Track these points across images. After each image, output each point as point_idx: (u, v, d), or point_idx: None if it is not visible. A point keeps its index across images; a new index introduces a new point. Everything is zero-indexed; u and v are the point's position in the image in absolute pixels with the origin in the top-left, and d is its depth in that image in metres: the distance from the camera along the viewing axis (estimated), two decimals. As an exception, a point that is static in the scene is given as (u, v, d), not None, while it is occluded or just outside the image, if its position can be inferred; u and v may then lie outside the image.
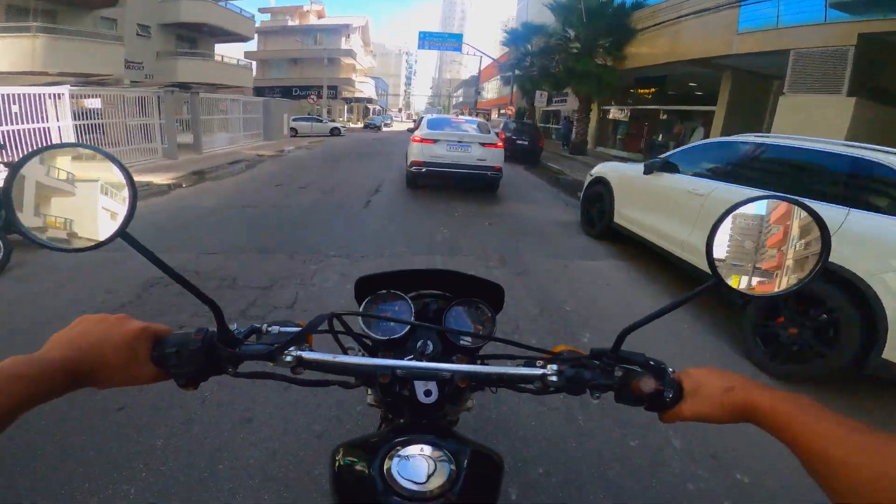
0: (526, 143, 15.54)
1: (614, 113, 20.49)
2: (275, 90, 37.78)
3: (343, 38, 39.94)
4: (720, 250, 0.60)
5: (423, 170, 8.29)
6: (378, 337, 0.83)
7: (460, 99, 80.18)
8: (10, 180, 0.53)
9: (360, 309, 0.90)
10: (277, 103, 21.05)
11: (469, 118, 10.88)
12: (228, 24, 23.93)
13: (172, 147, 11.90)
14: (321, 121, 28.96)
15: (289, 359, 0.64)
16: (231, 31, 24.43)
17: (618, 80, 15.67)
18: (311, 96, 26.62)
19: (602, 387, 0.64)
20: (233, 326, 0.65)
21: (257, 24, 41.33)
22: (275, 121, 20.67)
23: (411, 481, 0.56)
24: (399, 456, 0.58)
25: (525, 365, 0.70)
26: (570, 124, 21.17)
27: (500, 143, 8.69)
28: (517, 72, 22.87)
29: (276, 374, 0.69)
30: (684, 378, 0.61)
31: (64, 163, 0.57)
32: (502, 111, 24.55)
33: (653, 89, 17.33)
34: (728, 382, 0.56)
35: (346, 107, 42.80)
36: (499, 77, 29.57)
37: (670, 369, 0.63)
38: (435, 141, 8.25)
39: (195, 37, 23.60)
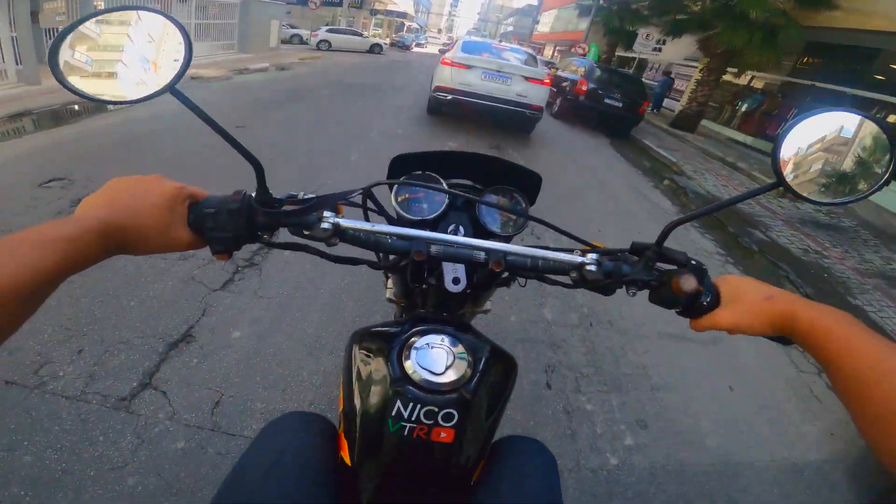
0: (619, 105, 9.69)
1: (752, 81, 13.95)
2: None
3: None
4: (787, 154, 0.56)
5: (449, 97, 6.85)
6: (410, 217, 0.80)
7: (510, 28, 70.34)
8: (61, 38, 0.52)
9: (394, 192, 0.84)
10: (261, 6, 14.97)
11: (515, 46, 8.38)
12: None
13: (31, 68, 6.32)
14: (360, 35, 24.29)
15: (326, 226, 0.60)
16: None
17: (799, 39, 9.34)
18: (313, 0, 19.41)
19: (639, 283, 0.62)
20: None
21: None
22: (257, 29, 14.75)
23: (428, 371, 0.57)
24: (417, 345, 0.60)
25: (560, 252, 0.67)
26: (669, 83, 14.79)
27: (548, 81, 7.23)
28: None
29: (310, 247, 0.65)
30: (722, 285, 0.59)
31: (117, 22, 0.57)
32: (572, 49, 18.02)
33: (839, 64, 10.87)
34: (768, 292, 0.55)
35: (372, 20, 35.35)
36: (573, 5, 22.37)
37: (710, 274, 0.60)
38: (468, 66, 6.75)
39: None
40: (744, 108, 13.69)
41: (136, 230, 0.49)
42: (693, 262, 0.60)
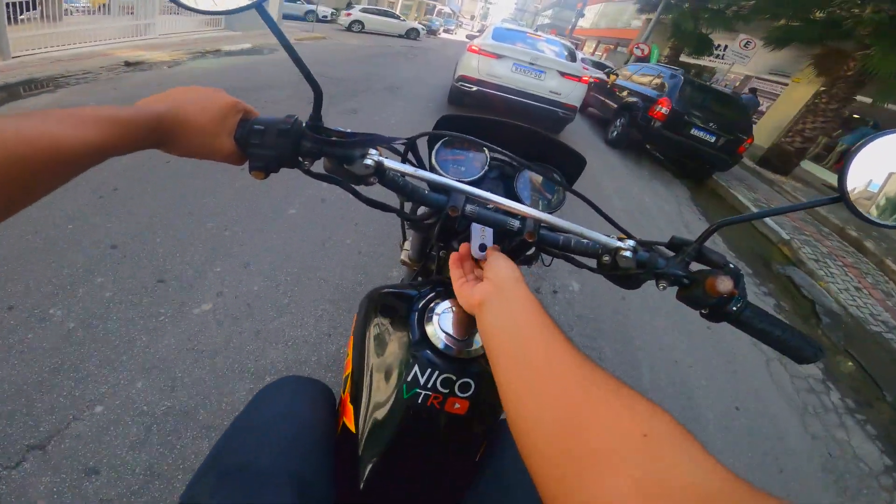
0: (713, 139, 6.69)
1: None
2: None
3: None
4: (857, 170, 0.55)
5: (474, 88, 6.05)
6: (447, 177, 0.76)
7: (547, 21, 66.13)
8: None
9: (438, 144, 0.82)
10: None
11: (551, 38, 7.01)
12: None
13: None
14: (397, 17, 22.83)
15: (369, 162, 0.59)
16: None
17: None
18: None
19: (672, 277, 0.59)
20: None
21: None
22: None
23: (451, 336, 0.56)
24: (440, 311, 0.58)
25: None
26: (755, 103, 11.74)
27: (586, 79, 6.35)
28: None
29: (344, 183, 0.63)
30: None
31: None
32: (628, 49, 14.94)
33: None
34: None
35: (400, 0, 32.30)
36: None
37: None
38: (498, 56, 6.01)
39: None
40: (843, 147, 10.61)
41: (183, 128, 0.50)
42: (731, 266, 0.58)
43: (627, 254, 0.60)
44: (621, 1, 26.44)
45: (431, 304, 0.59)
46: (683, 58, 15.23)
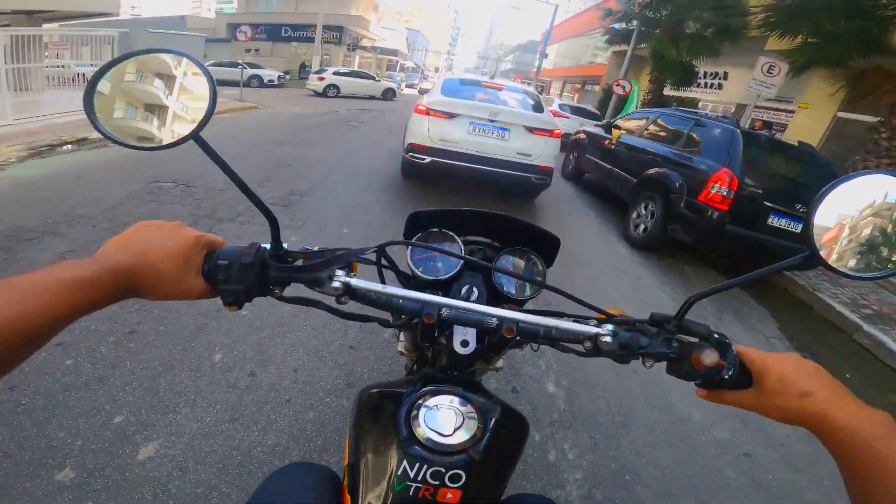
0: (798, 225, 4.12)
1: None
2: (258, 28, 27.13)
3: None
4: (823, 222, 0.54)
5: (426, 159, 4.86)
6: (423, 276, 0.79)
7: (509, 66, 66.93)
8: (93, 83, 0.55)
9: (410, 250, 0.84)
10: (154, 39, 10.38)
11: (511, 84, 5.84)
12: None
13: None
14: (372, 77, 22.00)
15: (336, 284, 0.60)
16: None
17: None
18: (243, 28, 13.46)
19: (657, 355, 0.61)
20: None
21: None
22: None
23: (436, 432, 0.56)
24: (426, 405, 0.59)
25: (575, 321, 0.65)
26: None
27: (558, 132, 5.04)
28: (656, 14, 11.79)
29: (321, 304, 0.65)
30: (755, 361, 0.56)
31: (143, 67, 0.59)
32: (618, 85, 13.11)
33: None
34: (807, 386, 0.51)
35: (356, 57, 31.17)
36: (598, 31, 17.83)
37: (735, 346, 0.58)
38: (451, 115, 4.86)
39: None
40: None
41: (151, 276, 0.50)
42: (716, 336, 0.58)
43: (608, 339, 0.61)
44: (583, 35, 25.57)
45: (418, 401, 0.59)
46: (668, 91, 13.57)
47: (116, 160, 5.19)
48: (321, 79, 19.62)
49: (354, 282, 0.61)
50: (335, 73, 20.32)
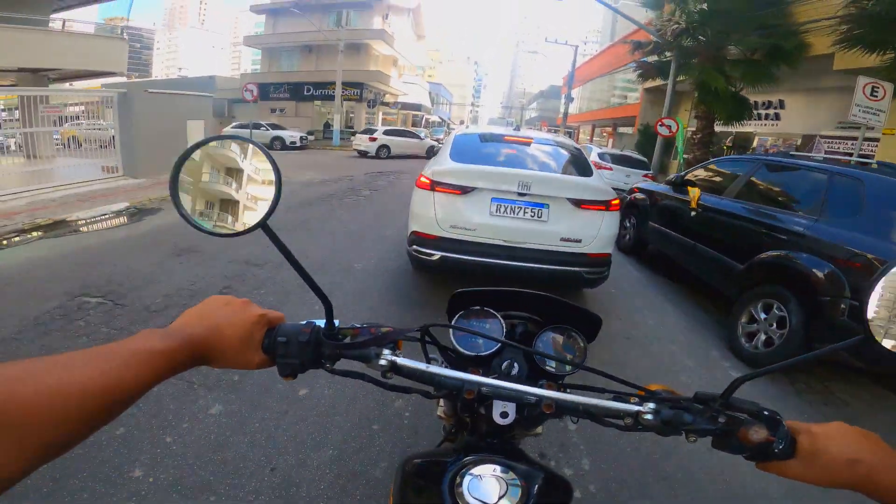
0: None
1: None
2: (281, 87, 27.57)
3: (378, 18, 27.12)
4: (875, 307, 0.52)
5: (436, 255, 3.46)
6: (465, 352, 0.80)
7: (534, 114, 66.74)
8: (176, 168, 0.60)
9: (454, 320, 0.88)
10: (157, 102, 9.69)
11: (541, 136, 4.53)
12: None
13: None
14: (419, 136, 21.74)
15: (383, 363, 0.65)
16: None
17: None
18: (249, 87, 13.11)
19: (702, 431, 0.60)
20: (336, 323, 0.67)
21: (265, 1, 30.33)
22: (157, 138, 9.42)
23: (481, 501, 0.56)
24: (470, 474, 0.59)
25: (615, 399, 0.66)
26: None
27: (616, 202, 3.56)
28: (694, 41, 10.59)
29: (367, 376, 0.69)
30: (803, 433, 0.56)
31: (218, 153, 0.64)
32: (661, 125, 11.52)
33: None
34: (855, 453, 0.52)
35: (379, 114, 31.06)
36: (626, 67, 16.63)
37: (785, 422, 0.57)
38: (465, 190, 3.47)
39: None
40: None
41: (219, 348, 0.56)
42: (766, 413, 0.58)
43: (649, 416, 0.61)
44: (608, 74, 24.47)
45: (461, 470, 0.60)
46: (719, 128, 12.00)
47: (60, 258, 4.42)
48: (373, 139, 19.02)
49: (400, 360, 0.66)
50: (385, 133, 19.74)
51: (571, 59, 25.52)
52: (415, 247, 3.54)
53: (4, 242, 4.91)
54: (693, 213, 4.41)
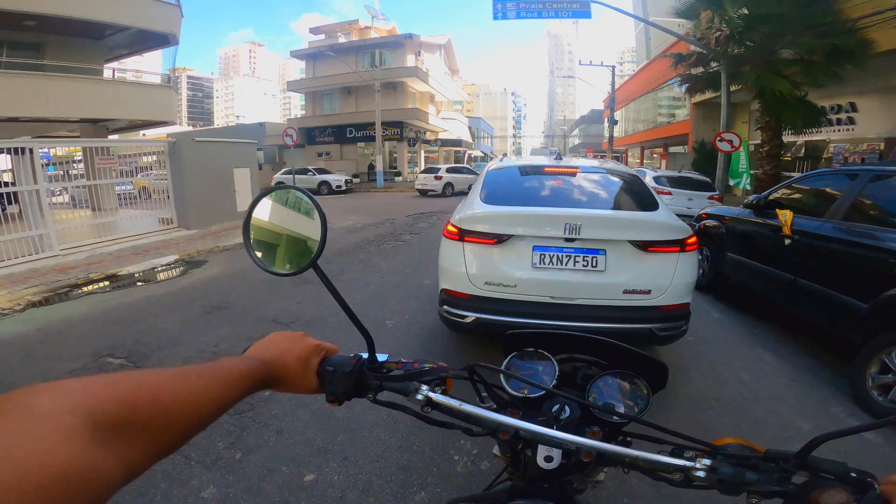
0: None
1: None
2: (326, 131, 28.41)
3: (411, 56, 27.43)
4: None
5: (470, 318, 2.89)
6: (513, 393, 0.78)
7: (578, 140, 65.57)
8: (248, 216, 0.74)
9: (505, 361, 0.87)
10: (205, 150, 10.01)
11: (588, 164, 3.78)
12: (115, 15, 11.81)
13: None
14: (475, 172, 20.74)
15: (419, 397, 0.68)
16: (118, 24, 12.21)
17: None
18: (289, 131, 12.83)
19: (766, 492, 0.54)
20: (382, 357, 0.74)
21: (304, 46, 31.99)
22: (206, 186, 9.75)
23: None
24: None
25: (670, 453, 0.62)
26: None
27: (692, 240, 2.84)
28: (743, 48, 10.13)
29: (408, 409, 0.71)
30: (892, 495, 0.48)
31: (278, 202, 0.77)
32: (721, 139, 10.42)
33: None
34: None
35: (421, 151, 31.41)
36: (674, 80, 15.71)
37: (880, 482, 0.49)
38: (500, 238, 2.87)
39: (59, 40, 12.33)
40: None
41: (283, 373, 0.64)
42: (854, 474, 0.50)
43: (700, 473, 0.58)
44: (651, 92, 23.46)
45: None
46: (787, 137, 10.95)
47: (99, 315, 4.50)
48: (438, 177, 19.29)
49: (434, 397, 0.68)
50: (448, 171, 19.90)
51: (609, 80, 24.86)
52: (446, 307, 3.01)
53: (54, 297, 5.21)
54: (788, 241, 3.69)
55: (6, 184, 7.37)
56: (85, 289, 5.52)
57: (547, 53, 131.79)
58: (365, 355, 0.72)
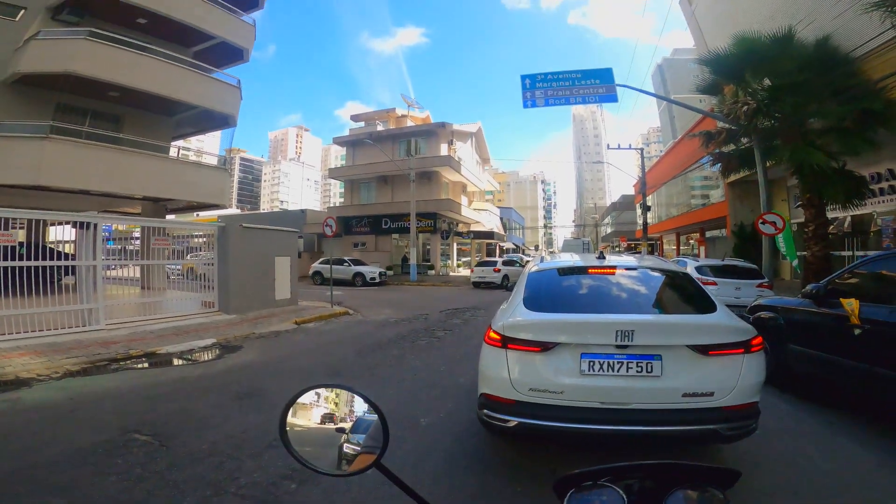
0: None
1: None
2: (363, 221, 29.32)
3: (444, 145, 28.13)
4: None
5: (513, 422, 2.71)
6: None
7: (610, 229, 65.17)
8: (284, 413, 0.75)
9: (565, 501, 0.80)
10: (252, 237, 10.59)
11: (632, 261, 3.68)
12: (188, 94, 12.92)
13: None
14: (522, 264, 21.41)
15: None
16: (178, 100, 13.01)
17: None
18: (329, 222, 13.15)
19: None
20: None
21: (345, 134, 33.34)
22: (250, 273, 10.21)
23: None
24: None
25: None
26: None
27: (757, 341, 2.69)
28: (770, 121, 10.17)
29: None
30: None
31: (321, 398, 0.78)
32: (763, 221, 9.95)
33: None
34: None
35: (454, 244, 32.10)
36: (705, 160, 15.84)
37: None
38: (546, 347, 2.75)
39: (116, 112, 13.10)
40: None
41: None
42: None
43: None
44: (681, 173, 23.25)
45: None
46: (832, 213, 10.58)
47: (132, 391, 4.69)
48: (497, 270, 20.18)
49: None
50: (504, 264, 20.94)
51: (638, 162, 25.37)
52: (486, 411, 2.87)
53: (93, 369, 5.42)
54: (857, 332, 3.44)
55: (67, 256, 7.93)
56: (123, 363, 5.74)
57: (572, 137, 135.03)
58: None
